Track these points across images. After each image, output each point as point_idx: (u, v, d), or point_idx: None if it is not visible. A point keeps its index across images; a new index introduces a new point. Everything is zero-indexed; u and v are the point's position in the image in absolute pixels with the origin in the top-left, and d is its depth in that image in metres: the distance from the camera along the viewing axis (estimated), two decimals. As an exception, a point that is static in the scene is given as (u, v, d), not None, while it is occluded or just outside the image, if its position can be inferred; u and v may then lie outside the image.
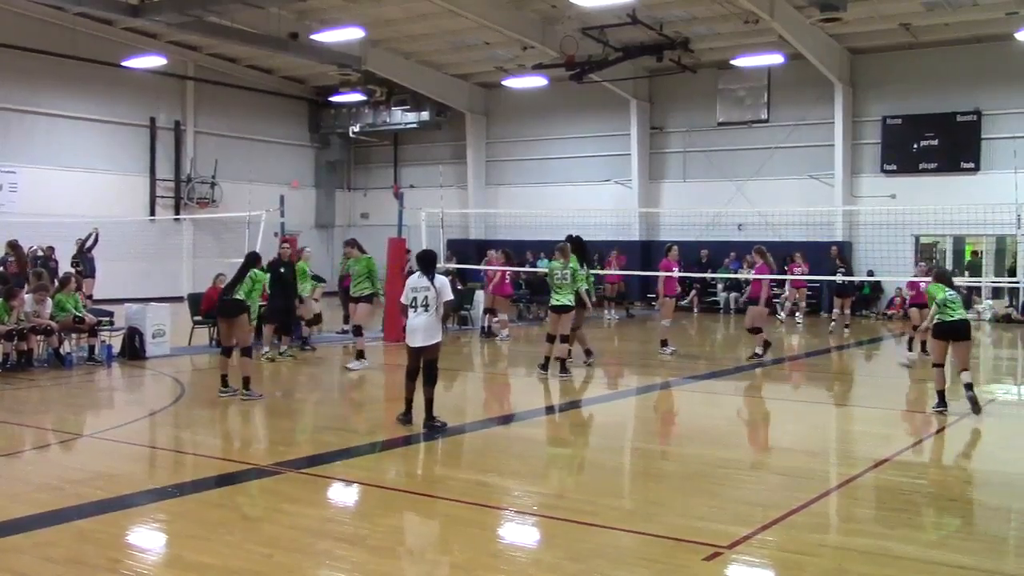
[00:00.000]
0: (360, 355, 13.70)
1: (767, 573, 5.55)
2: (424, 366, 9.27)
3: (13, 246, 19.90)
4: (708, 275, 25.25)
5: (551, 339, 13.13)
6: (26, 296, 13.63)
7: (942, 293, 10.72)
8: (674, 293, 16.00)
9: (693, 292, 25.35)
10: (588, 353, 14.18)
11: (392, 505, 6.89)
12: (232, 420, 10.09)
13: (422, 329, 9.19)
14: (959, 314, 10.65)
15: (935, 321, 10.71)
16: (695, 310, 25.37)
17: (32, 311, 13.44)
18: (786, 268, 24.04)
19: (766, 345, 15.10)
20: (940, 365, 10.75)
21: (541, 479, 7.53)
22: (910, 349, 15.48)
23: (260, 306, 12.01)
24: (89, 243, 21.95)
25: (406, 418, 9.40)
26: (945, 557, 5.61)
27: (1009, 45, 23.10)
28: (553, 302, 13.18)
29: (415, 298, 9.24)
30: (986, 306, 23.69)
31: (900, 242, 22.28)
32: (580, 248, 14.03)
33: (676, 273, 15.95)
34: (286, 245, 15.40)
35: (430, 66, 29.32)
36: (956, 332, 10.65)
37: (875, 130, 25.90)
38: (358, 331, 13.99)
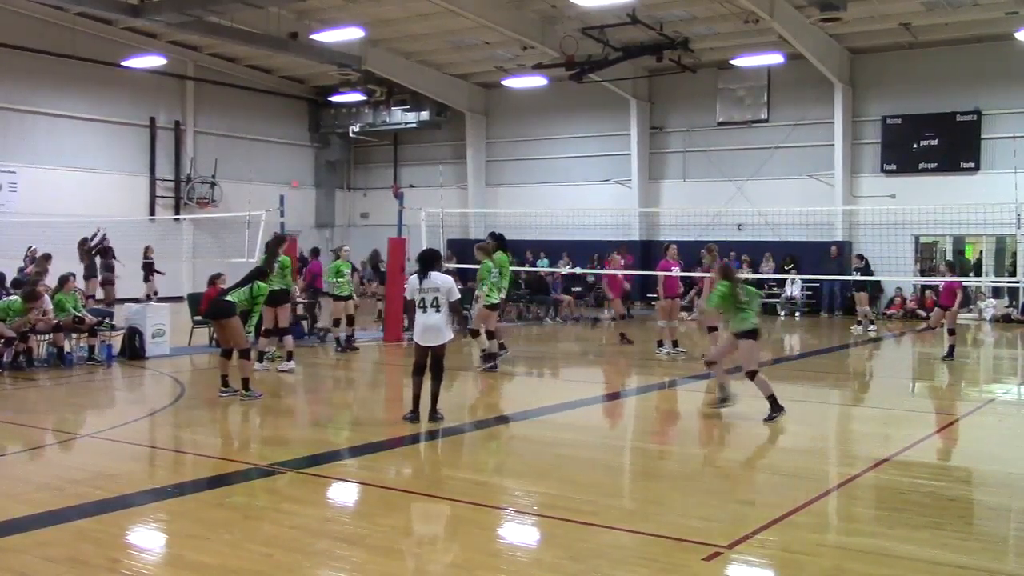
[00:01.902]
0: (289, 356, 13.44)
1: (767, 573, 5.55)
2: (433, 362, 9.45)
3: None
4: (709, 274, 25.25)
5: (491, 335, 13.87)
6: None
7: (742, 293, 9.89)
8: (674, 294, 15.95)
9: (692, 292, 25.35)
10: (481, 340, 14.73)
11: (392, 505, 6.89)
12: (232, 420, 10.10)
13: (436, 328, 9.36)
14: (756, 317, 9.98)
15: (747, 326, 9.82)
16: (695, 310, 25.34)
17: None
18: (787, 268, 24.09)
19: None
20: (757, 371, 9.94)
21: (541, 479, 7.52)
22: (951, 356, 15.44)
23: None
24: (93, 242, 21.97)
25: (413, 416, 9.43)
26: (945, 557, 5.61)
27: (1009, 45, 23.10)
28: (493, 300, 13.94)
29: (423, 298, 9.36)
30: (990, 304, 23.70)
31: (900, 242, 22.28)
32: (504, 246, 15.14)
33: (676, 273, 15.91)
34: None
35: (430, 66, 29.32)
36: (757, 334, 10.00)
37: (875, 130, 25.90)
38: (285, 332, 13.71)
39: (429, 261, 9.63)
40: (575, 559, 5.49)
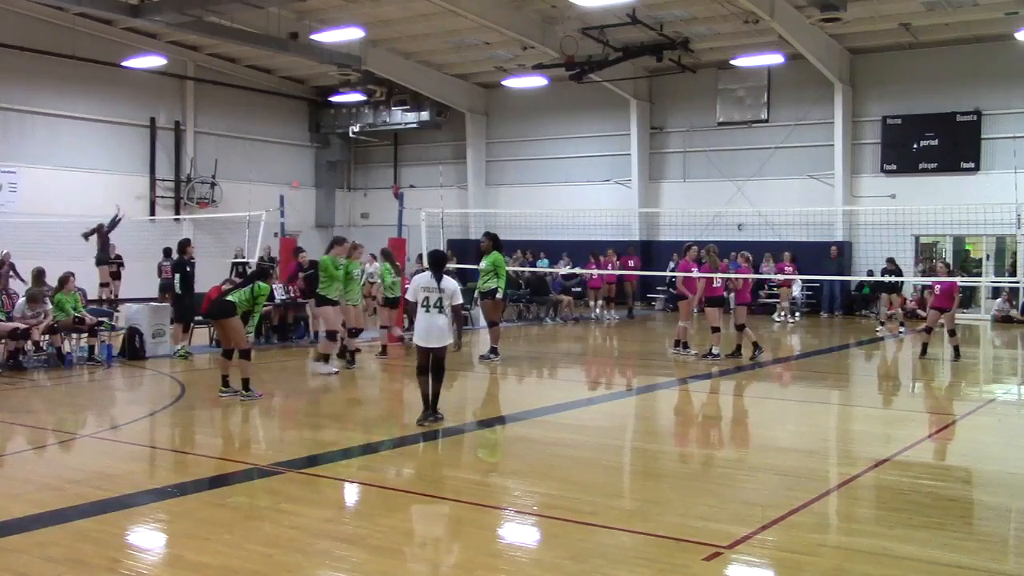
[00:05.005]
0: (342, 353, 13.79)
1: (767, 573, 5.55)
2: (434, 364, 9.42)
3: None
4: (708, 275, 25.24)
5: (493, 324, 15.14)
6: (20, 300, 13.71)
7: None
8: (694, 294, 15.83)
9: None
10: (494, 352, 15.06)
11: (392, 505, 6.89)
12: (232, 420, 10.09)
13: (440, 330, 9.31)
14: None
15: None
16: (695, 310, 25.35)
17: (30, 312, 13.48)
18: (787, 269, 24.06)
19: (755, 347, 15.22)
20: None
21: (541, 479, 7.52)
22: (924, 353, 15.54)
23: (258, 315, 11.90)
24: (108, 225, 22.00)
25: (426, 418, 9.43)
26: (945, 557, 5.61)
27: (1009, 45, 23.11)
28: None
29: (427, 298, 9.31)
30: (999, 303, 23.73)
31: (900, 242, 22.30)
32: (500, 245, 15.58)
33: (696, 274, 15.80)
34: (191, 247, 15.63)
35: (430, 66, 29.33)
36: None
37: (875, 130, 25.91)
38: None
39: (441, 263, 9.61)
40: (575, 559, 5.49)
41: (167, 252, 23.12)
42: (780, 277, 22.86)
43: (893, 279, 20.63)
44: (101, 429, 9.55)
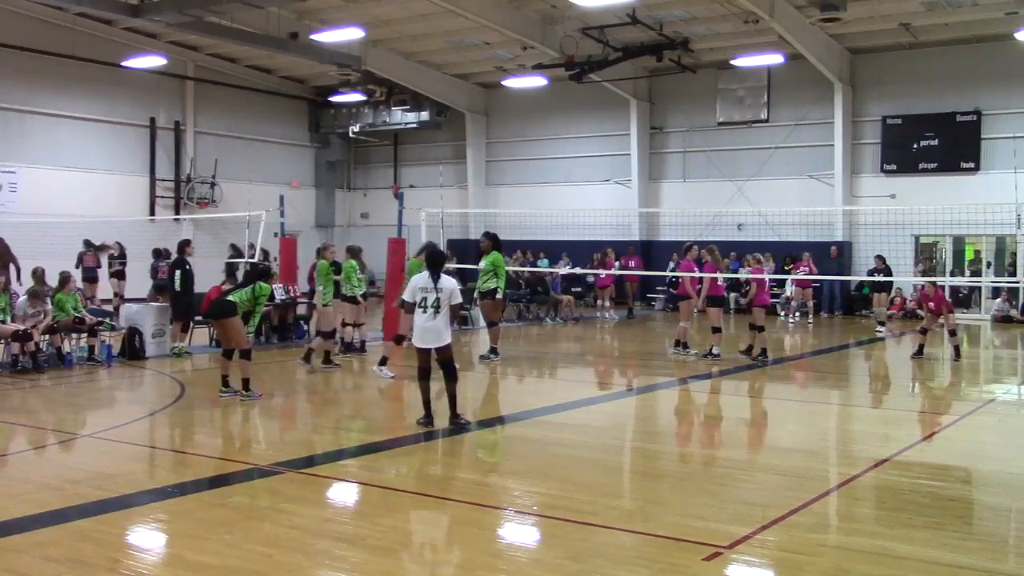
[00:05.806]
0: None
1: (767, 573, 5.55)
2: (441, 366, 9.30)
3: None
4: (713, 274, 25.23)
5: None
6: (21, 298, 13.71)
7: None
8: (697, 295, 15.77)
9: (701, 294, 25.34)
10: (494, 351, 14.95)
11: (392, 505, 6.89)
12: (232, 420, 10.10)
13: (432, 331, 9.17)
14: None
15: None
16: (695, 310, 25.33)
17: (32, 312, 13.48)
18: (788, 268, 24.07)
19: (763, 352, 15.21)
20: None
21: (541, 479, 7.52)
22: (920, 353, 15.58)
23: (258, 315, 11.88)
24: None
25: (427, 421, 9.34)
26: (945, 557, 5.61)
27: (1009, 45, 23.11)
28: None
29: (424, 298, 9.20)
30: (999, 303, 23.73)
31: (900, 242, 22.29)
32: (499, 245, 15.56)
33: (697, 274, 15.78)
34: (191, 247, 15.80)
35: (430, 66, 29.32)
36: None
37: (875, 130, 25.90)
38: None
39: (439, 263, 9.50)
40: (575, 559, 5.49)
41: (157, 253, 23.17)
42: (800, 277, 22.85)
43: (882, 278, 20.67)
44: (101, 429, 9.54)
